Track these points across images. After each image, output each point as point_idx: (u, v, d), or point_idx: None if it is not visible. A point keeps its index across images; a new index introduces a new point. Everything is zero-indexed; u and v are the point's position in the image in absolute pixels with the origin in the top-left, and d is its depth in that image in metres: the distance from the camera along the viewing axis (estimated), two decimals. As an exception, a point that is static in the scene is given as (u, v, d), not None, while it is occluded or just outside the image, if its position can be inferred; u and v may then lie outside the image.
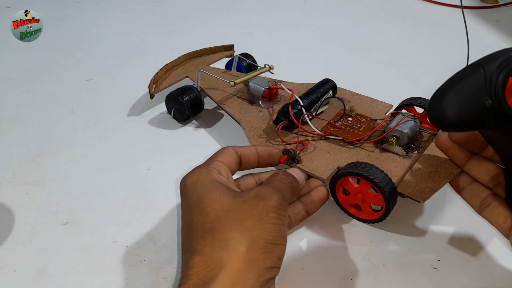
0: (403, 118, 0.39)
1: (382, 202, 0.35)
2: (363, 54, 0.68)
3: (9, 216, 0.40)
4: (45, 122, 0.54)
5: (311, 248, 0.36)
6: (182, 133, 0.51)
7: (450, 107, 0.25)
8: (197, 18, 0.83)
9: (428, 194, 0.33)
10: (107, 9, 0.88)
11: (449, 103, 0.25)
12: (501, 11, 0.80)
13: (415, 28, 0.76)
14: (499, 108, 0.23)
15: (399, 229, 0.37)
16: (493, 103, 0.23)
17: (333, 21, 0.80)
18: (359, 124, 0.42)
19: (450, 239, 0.36)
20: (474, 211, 0.33)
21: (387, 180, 0.34)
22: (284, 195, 0.29)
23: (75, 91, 0.60)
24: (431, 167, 0.36)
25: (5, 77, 0.65)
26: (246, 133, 0.43)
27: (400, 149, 0.38)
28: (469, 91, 0.24)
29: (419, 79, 0.60)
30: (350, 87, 0.48)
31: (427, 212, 0.39)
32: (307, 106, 0.43)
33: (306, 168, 0.38)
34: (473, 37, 0.71)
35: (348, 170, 0.35)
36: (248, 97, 0.49)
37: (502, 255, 0.35)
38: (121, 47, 0.73)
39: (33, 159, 0.47)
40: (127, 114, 0.54)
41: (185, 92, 0.50)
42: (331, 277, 0.33)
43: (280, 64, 0.54)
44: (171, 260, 0.35)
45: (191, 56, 0.58)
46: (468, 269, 0.34)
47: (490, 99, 0.23)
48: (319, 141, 0.41)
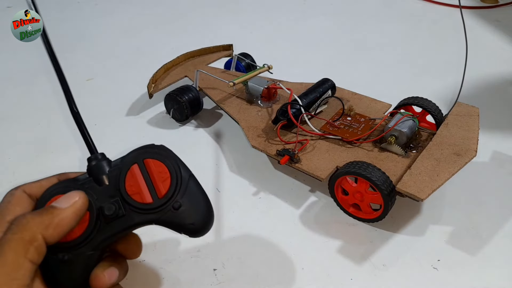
0: (401, 118, 0.39)
1: (380, 200, 0.35)
2: (363, 54, 0.68)
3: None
4: (45, 122, 0.54)
5: (311, 248, 0.36)
6: (181, 133, 0.51)
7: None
8: (197, 18, 0.83)
9: (426, 192, 0.33)
10: (107, 9, 0.88)
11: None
12: (501, 11, 0.80)
13: (415, 28, 0.76)
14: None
15: (399, 229, 0.37)
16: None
17: (333, 21, 0.80)
18: (358, 123, 0.42)
19: (450, 239, 0.36)
20: (473, 211, 0.33)
21: (385, 179, 0.34)
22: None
23: (75, 91, 0.59)
24: (430, 166, 0.36)
25: (5, 77, 0.65)
26: (245, 133, 0.43)
27: (399, 149, 0.38)
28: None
29: (419, 78, 0.60)
30: (350, 87, 0.48)
31: (427, 212, 0.39)
32: (306, 105, 0.43)
33: (304, 167, 0.38)
34: (473, 37, 0.71)
35: (346, 169, 0.35)
36: (247, 97, 0.49)
37: (502, 255, 0.35)
38: (121, 47, 0.73)
39: (33, 159, 0.47)
40: (127, 114, 0.54)
41: (184, 92, 0.50)
42: (331, 277, 0.33)
43: (280, 64, 0.54)
44: (171, 260, 0.35)
45: (190, 56, 0.58)
46: (468, 269, 0.34)
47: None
48: (318, 140, 0.41)
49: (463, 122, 0.40)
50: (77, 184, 0.24)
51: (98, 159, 0.25)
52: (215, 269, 0.34)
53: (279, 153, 0.39)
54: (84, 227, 0.23)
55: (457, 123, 0.40)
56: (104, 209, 0.23)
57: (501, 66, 0.63)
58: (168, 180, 0.24)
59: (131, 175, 0.24)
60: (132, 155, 0.24)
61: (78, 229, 0.23)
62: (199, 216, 0.24)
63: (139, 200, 0.23)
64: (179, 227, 0.24)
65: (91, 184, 0.24)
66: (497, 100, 0.55)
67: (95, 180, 0.24)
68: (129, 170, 0.24)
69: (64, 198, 0.22)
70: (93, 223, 0.23)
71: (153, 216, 0.23)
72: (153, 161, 0.24)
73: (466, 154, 0.37)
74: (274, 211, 0.40)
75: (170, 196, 0.24)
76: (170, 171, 0.24)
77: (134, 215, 0.23)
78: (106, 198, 0.24)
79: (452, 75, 0.60)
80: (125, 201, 0.23)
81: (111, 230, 0.23)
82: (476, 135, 0.39)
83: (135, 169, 0.24)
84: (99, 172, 0.24)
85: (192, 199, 0.24)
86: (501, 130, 0.49)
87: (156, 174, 0.24)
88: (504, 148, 0.46)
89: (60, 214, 0.21)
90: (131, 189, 0.24)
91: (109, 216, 0.23)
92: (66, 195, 0.22)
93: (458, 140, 0.38)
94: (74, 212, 0.22)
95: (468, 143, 0.38)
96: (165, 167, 0.24)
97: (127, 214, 0.23)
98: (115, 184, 0.24)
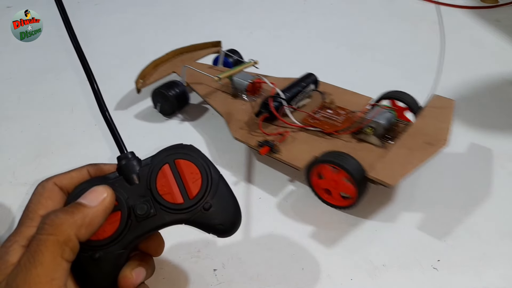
0: (379, 109, 0.41)
1: (352, 191, 0.36)
2: (362, 54, 0.68)
3: (9, 216, 0.40)
4: (45, 122, 0.54)
5: (311, 248, 0.36)
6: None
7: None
8: (197, 18, 0.82)
9: (397, 179, 0.34)
10: (107, 9, 0.88)
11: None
12: (501, 11, 0.80)
13: (415, 28, 0.76)
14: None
15: (399, 230, 0.37)
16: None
17: (333, 21, 0.80)
18: (338, 116, 0.44)
19: (450, 239, 0.36)
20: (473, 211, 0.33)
21: (358, 167, 0.35)
22: None
23: (75, 91, 0.60)
24: (402, 155, 0.37)
25: (5, 77, 0.65)
26: (228, 125, 0.44)
27: (376, 139, 0.39)
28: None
29: (419, 78, 0.60)
30: (350, 87, 0.48)
31: (427, 212, 0.39)
32: (288, 99, 0.44)
33: (284, 157, 0.39)
34: (474, 37, 0.71)
35: (323, 158, 0.37)
36: (233, 91, 0.50)
37: (502, 255, 0.35)
38: (121, 47, 0.73)
39: (33, 159, 0.47)
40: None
41: (171, 87, 0.51)
42: (331, 277, 0.33)
43: (280, 63, 0.54)
44: (171, 260, 0.35)
45: (179, 52, 0.60)
46: (468, 269, 0.34)
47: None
48: (299, 132, 0.42)
49: (438, 114, 0.42)
50: (108, 182, 0.24)
51: (128, 158, 0.24)
52: (215, 269, 0.34)
53: (259, 144, 0.40)
54: (115, 226, 0.23)
55: (432, 115, 0.42)
56: (136, 209, 0.23)
57: (501, 66, 0.62)
58: (199, 181, 0.24)
59: (163, 175, 0.24)
60: (162, 155, 0.24)
61: (109, 228, 0.23)
62: (228, 217, 0.25)
63: (170, 200, 0.24)
64: (208, 227, 0.24)
65: (121, 182, 0.24)
66: (497, 100, 0.55)
67: (125, 178, 0.24)
68: (160, 170, 0.24)
69: (92, 194, 0.22)
70: (125, 222, 0.23)
71: (183, 216, 0.24)
72: (184, 162, 0.24)
73: (437, 144, 0.38)
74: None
75: (201, 197, 0.24)
76: (201, 172, 0.24)
77: (165, 214, 0.24)
78: (137, 197, 0.24)
79: (453, 75, 0.60)
80: (156, 200, 0.24)
81: (142, 229, 0.23)
82: (448, 126, 0.40)
83: (166, 169, 0.24)
84: (130, 171, 0.24)
85: (222, 200, 0.24)
86: (501, 130, 0.49)
87: (187, 174, 0.24)
88: (504, 148, 0.46)
89: (91, 213, 0.21)
90: (163, 189, 0.24)
91: (141, 215, 0.23)
92: (93, 191, 0.22)
93: (431, 130, 0.39)
94: (103, 210, 0.22)
95: (441, 133, 0.39)
96: (196, 168, 0.24)
97: (158, 213, 0.24)
98: (146, 183, 0.24)
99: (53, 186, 0.23)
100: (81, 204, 0.22)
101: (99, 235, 0.22)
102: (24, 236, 0.21)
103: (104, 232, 0.23)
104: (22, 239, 0.21)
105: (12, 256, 0.21)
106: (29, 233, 0.21)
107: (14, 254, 0.21)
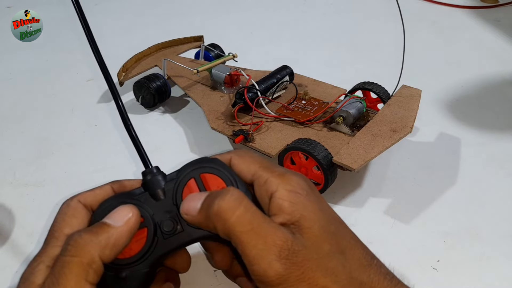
0: (349, 99, 0.42)
1: (321, 179, 0.37)
2: (362, 54, 0.68)
3: (10, 217, 0.40)
4: (45, 123, 0.54)
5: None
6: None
7: None
8: (197, 18, 0.82)
9: (359, 163, 0.36)
10: (107, 9, 0.88)
11: None
12: (501, 11, 0.80)
13: (415, 28, 0.76)
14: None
15: (399, 230, 0.37)
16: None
17: (333, 21, 0.80)
18: (312, 106, 0.45)
19: (450, 239, 0.36)
20: (473, 211, 0.33)
21: (325, 154, 0.37)
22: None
23: (75, 91, 0.60)
24: (366, 141, 0.38)
25: (5, 77, 0.65)
26: (206, 116, 0.46)
27: (346, 128, 0.41)
28: None
29: (419, 78, 0.60)
30: (350, 86, 0.48)
31: (427, 212, 0.39)
32: (263, 90, 0.46)
33: (257, 146, 0.40)
34: (473, 37, 0.71)
35: (293, 145, 0.38)
36: (211, 83, 0.51)
37: (502, 255, 0.35)
38: (121, 47, 0.73)
39: (33, 160, 0.47)
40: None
41: (152, 79, 0.52)
42: (331, 277, 0.33)
43: (280, 63, 0.54)
44: (172, 261, 0.35)
45: (162, 47, 0.61)
46: (468, 269, 0.34)
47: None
48: (273, 122, 0.44)
49: (404, 103, 0.43)
50: (133, 199, 0.23)
51: (154, 173, 0.24)
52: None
53: (234, 133, 0.41)
54: (142, 244, 0.22)
55: (398, 103, 0.43)
56: (162, 225, 0.23)
57: (501, 66, 0.62)
58: None
59: (189, 190, 0.23)
60: (188, 169, 0.24)
61: (136, 246, 0.22)
62: None
63: None
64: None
65: (147, 198, 0.23)
66: (497, 100, 0.55)
67: (151, 194, 0.23)
68: (186, 185, 0.23)
69: (117, 214, 0.22)
70: (151, 240, 0.22)
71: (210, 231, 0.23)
72: (210, 176, 0.24)
73: (402, 131, 0.39)
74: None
75: None
76: (227, 186, 0.23)
77: (191, 230, 0.23)
78: (163, 213, 0.23)
79: (453, 75, 0.60)
80: (182, 216, 0.23)
81: (169, 246, 0.23)
82: (414, 114, 0.41)
83: (192, 184, 0.23)
84: (155, 187, 0.23)
85: None
86: (501, 130, 0.49)
87: (213, 189, 0.23)
88: (504, 148, 0.46)
89: (116, 234, 0.21)
90: None
91: (168, 232, 0.23)
92: (118, 211, 0.22)
93: (397, 118, 0.41)
94: (128, 230, 0.21)
95: (406, 121, 0.40)
96: (222, 182, 0.24)
97: (185, 229, 0.23)
98: (172, 199, 0.23)
99: (77, 204, 0.23)
100: (106, 224, 0.21)
101: (125, 254, 0.22)
102: (49, 256, 0.21)
103: (130, 250, 0.22)
104: (48, 259, 0.21)
105: (37, 277, 0.20)
106: (55, 253, 0.21)
107: (40, 275, 0.21)
